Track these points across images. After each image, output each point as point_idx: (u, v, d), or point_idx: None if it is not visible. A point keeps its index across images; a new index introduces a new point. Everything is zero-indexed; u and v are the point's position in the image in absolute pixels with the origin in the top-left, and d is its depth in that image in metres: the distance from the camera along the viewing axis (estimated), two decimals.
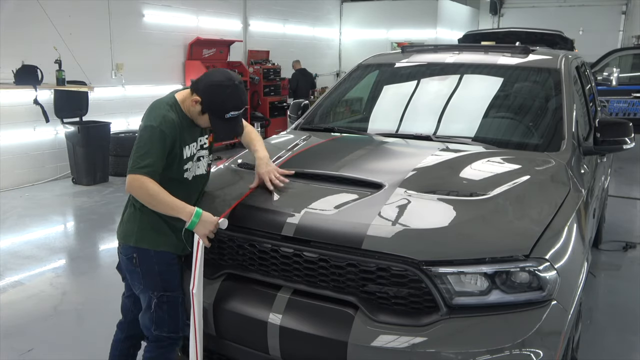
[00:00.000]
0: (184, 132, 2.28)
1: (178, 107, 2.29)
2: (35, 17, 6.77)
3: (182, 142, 2.28)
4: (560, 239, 2.14)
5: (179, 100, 2.31)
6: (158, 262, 2.29)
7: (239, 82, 2.29)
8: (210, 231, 2.21)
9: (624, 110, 8.93)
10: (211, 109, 2.26)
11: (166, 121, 2.21)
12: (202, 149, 2.43)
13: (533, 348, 1.91)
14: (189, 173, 2.36)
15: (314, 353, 2.03)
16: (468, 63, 3.63)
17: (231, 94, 2.24)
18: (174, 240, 2.31)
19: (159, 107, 2.27)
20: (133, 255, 2.29)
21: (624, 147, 3.14)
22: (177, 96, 2.33)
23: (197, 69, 9.12)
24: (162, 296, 2.28)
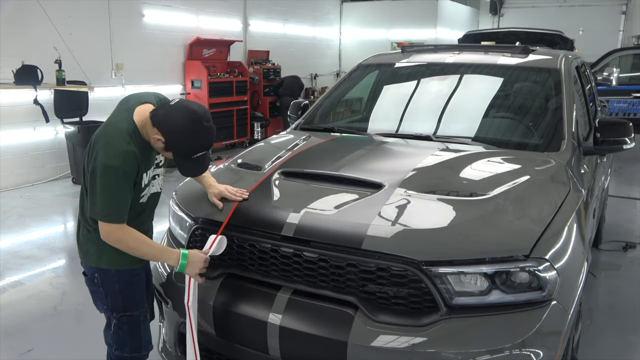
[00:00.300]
0: (143, 160, 2.15)
1: (137, 135, 2.11)
2: (35, 17, 6.77)
3: (141, 171, 2.16)
4: (560, 239, 2.14)
5: (138, 127, 2.11)
6: (118, 281, 2.22)
7: (207, 120, 2.12)
8: (201, 269, 2.18)
9: (624, 110, 8.93)
10: (176, 152, 2.13)
11: (128, 157, 2.05)
12: (158, 167, 2.34)
13: (533, 348, 1.91)
14: (146, 196, 2.27)
15: (314, 353, 2.03)
16: (468, 63, 3.63)
17: (197, 137, 2.10)
18: (133, 257, 2.19)
19: (118, 140, 2.05)
20: (94, 275, 2.23)
21: (624, 147, 3.14)
22: (136, 120, 2.12)
23: (197, 69, 9.12)
24: (122, 317, 2.24)
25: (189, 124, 2.08)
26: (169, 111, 2.10)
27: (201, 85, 9.12)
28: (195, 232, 2.42)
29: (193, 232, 2.43)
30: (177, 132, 2.08)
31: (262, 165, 2.73)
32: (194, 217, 2.45)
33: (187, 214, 2.50)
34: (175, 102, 2.15)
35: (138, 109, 2.15)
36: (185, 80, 9.28)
